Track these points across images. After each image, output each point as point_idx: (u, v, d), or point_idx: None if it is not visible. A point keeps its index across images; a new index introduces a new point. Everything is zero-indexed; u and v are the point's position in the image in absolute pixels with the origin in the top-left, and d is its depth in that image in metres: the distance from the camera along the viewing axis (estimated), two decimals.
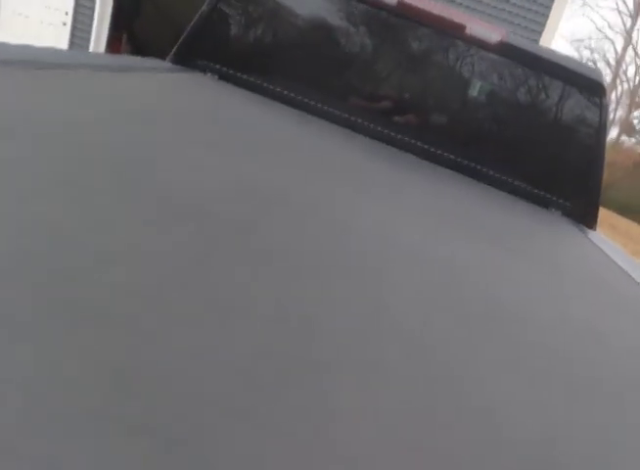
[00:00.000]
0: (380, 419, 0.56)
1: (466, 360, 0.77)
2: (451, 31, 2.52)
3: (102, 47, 7.49)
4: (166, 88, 2.02)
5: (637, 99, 34.68)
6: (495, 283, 1.22)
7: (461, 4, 5.93)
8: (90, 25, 7.31)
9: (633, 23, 31.16)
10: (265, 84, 2.63)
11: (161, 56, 2.89)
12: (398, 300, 0.90)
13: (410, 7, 2.51)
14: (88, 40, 7.37)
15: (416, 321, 0.84)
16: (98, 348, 0.49)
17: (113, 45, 7.82)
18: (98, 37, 7.40)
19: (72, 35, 7.43)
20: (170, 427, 0.43)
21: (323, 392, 0.57)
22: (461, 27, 2.48)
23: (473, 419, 0.63)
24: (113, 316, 0.55)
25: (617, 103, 34.26)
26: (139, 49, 8.01)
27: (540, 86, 2.58)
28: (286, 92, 2.62)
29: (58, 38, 7.41)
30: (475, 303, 1.04)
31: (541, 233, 2.16)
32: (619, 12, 35.01)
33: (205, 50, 2.66)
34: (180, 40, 2.66)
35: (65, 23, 7.45)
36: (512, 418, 0.66)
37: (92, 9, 7.23)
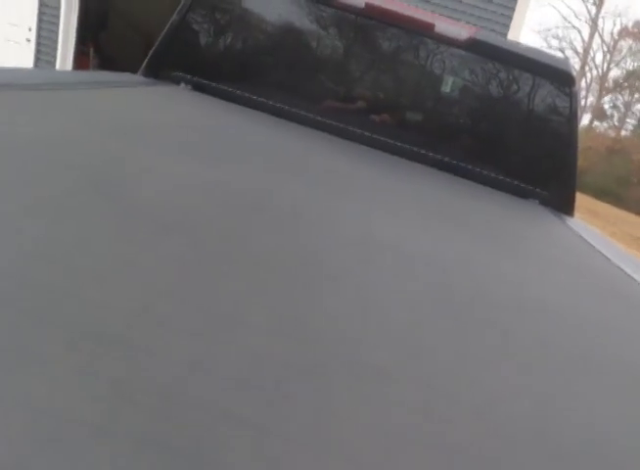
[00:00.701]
0: (380, 418, 0.57)
1: (459, 353, 0.79)
2: (420, 31, 2.55)
3: (69, 63, 7.38)
4: (140, 102, 2.02)
5: (606, 85, 35.35)
6: (479, 274, 1.24)
7: (428, 1, 5.99)
8: (55, 41, 7.18)
9: (598, 11, 31.77)
10: (240, 92, 2.63)
11: (130, 67, 2.88)
12: (387, 298, 0.92)
13: (378, 8, 2.53)
14: (54, 56, 7.24)
15: (407, 318, 0.86)
16: (97, 365, 0.50)
17: (80, 60, 7.72)
18: (64, 53, 7.28)
19: (38, 51, 7.30)
20: (175, 439, 0.44)
21: (322, 396, 0.58)
22: (430, 26, 2.52)
23: (472, 413, 0.64)
24: (109, 333, 0.56)
25: (587, 90, 34.88)
26: (107, 62, 7.94)
27: (511, 79, 2.63)
28: (260, 99, 2.63)
29: (22, 55, 7.27)
30: (462, 295, 1.06)
31: (520, 223, 2.20)
32: (584, 0, 35.70)
33: (176, 61, 2.66)
34: (151, 53, 2.65)
35: (29, 40, 7.32)
36: (511, 408, 0.68)
37: (56, 24, 7.10)
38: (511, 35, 6.10)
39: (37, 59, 7.30)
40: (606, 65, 35.28)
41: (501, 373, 0.77)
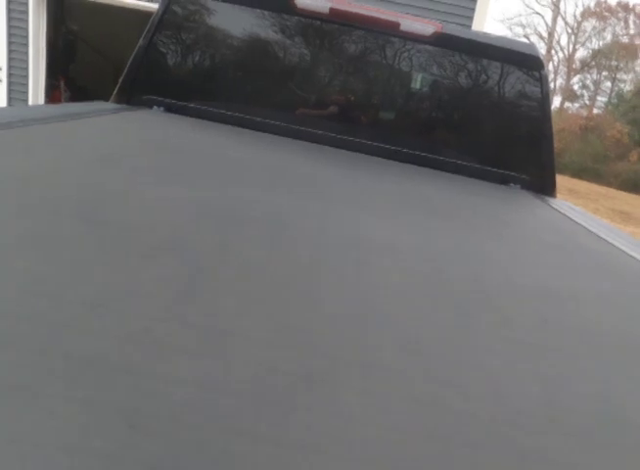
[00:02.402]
0: (394, 416, 0.57)
1: (463, 343, 0.79)
2: (387, 31, 2.58)
3: (41, 98, 7.36)
4: (113, 130, 2.01)
5: (574, 66, 35.89)
6: (472, 264, 1.25)
7: (391, 1, 6.05)
8: (26, 77, 7.18)
9: None
10: (212, 109, 2.63)
11: (103, 95, 2.87)
12: (384, 296, 0.92)
13: (342, 12, 2.55)
14: (26, 93, 7.23)
15: (406, 314, 0.86)
16: (103, 395, 0.49)
17: (52, 94, 7.69)
18: (36, 89, 7.26)
19: (10, 91, 7.27)
20: (192, 462, 0.44)
21: (333, 401, 0.57)
22: (395, 25, 2.54)
23: (483, 403, 0.64)
24: (111, 361, 0.55)
25: (556, 72, 35.40)
26: (79, 93, 7.91)
27: (481, 69, 2.66)
28: (235, 114, 2.63)
29: None
30: (458, 285, 1.06)
31: (505, 209, 2.22)
32: None
33: (147, 85, 2.65)
34: (121, 79, 2.64)
35: (0, 80, 7.29)
36: (521, 392, 0.68)
37: (26, 61, 7.10)
38: (475, 27, 6.17)
39: (10, 98, 7.26)
40: (571, 46, 35.87)
41: (507, 359, 0.78)
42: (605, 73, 35.83)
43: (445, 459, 0.52)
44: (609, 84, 36.02)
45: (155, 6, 2.69)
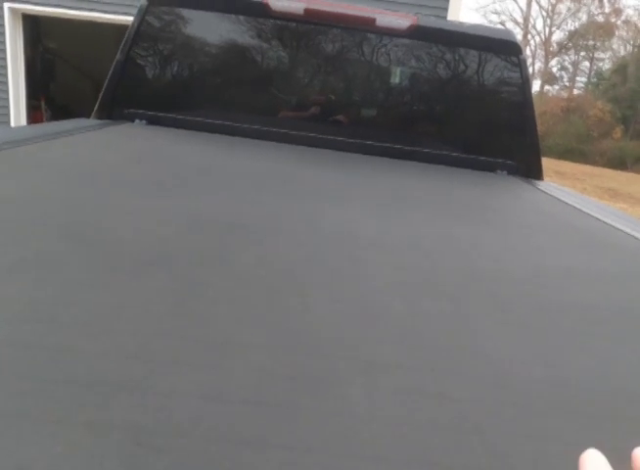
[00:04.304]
0: (401, 410, 0.57)
1: (462, 332, 0.79)
2: (363, 27, 2.58)
3: (23, 119, 7.32)
4: (96, 146, 2.00)
5: (551, 48, 36.10)
6: (466, 252, 1.26)
7: None
8: (7, 99, 7.14)
9: None
10: (194, 118, 2.62)
11: (85, 112, 2.85)
12: (380, 292, 0.92)
13: (317, 12, 2.55)
14: (7, 115, 7.19)
15: (403, 309, 0.86)
16: (108, 415, 0.49)
17: (34, 115, 7.65)
18: (17, 111, 7.23)
19: None
20: None
21: (338, 402, 0.57)
22: (371, 21, 2.55)
23: (486, 389, 0.65)
24: (111, 381, 0.55)
25: (534, 56, 35.59)
26: (60, 112, 7.86)
27: (459, 59, 2.67)
28: (217, 122, 2.62)
29: None
30: (453, 275, 1.07)
31: (494, 196, 2.23)
32: None
33: (127, 98, 2.64)
34: (101, 94, 2.63)
35: None
36: (525, 376, 0.69)
37: (5, 83, 7.06)
38: (450, 17, 6.19)
39: None
40: (547, 29, 36.09)
41: (508, 343, 0.78)
42: (583, 54, 36.11)
43: (454, 448, 0.52)
44: (587, 64, 36.33)
45: (130, 19, 2.67)
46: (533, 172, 2.64)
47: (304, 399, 0.56)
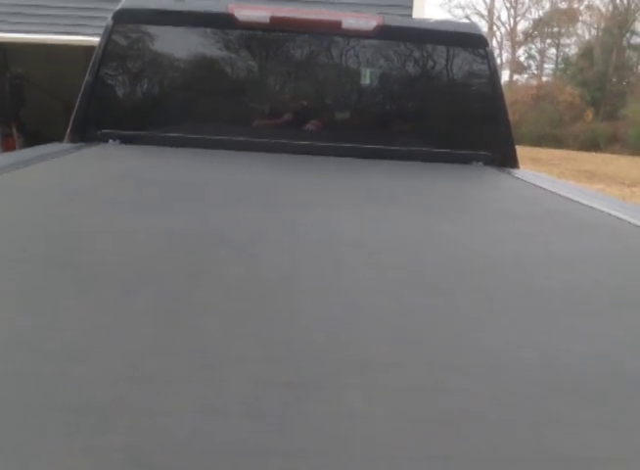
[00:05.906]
0: (401, 406, 0.58)
1: (454, 325, 0.80)
2: (329, 31, 2.59)
3: None
4: (70, 169, 1.98)
5: (517, 38, 36.60)
6: (449, 246, 1.27)
7: (330, 2, 6.08)
8: None
9: None
10: (169, 134, 2.61)
11: (58, 136, 2.82)
12: (368, 293, 0.92)
13: (283, 19, 2.56)
14: None
15: (393, 307, 0.86)
16: (105, 438, 0.49)
17: (6, 142, 7.54)
18: None
19: None
20: None
21: (337, 405, 0.58)
22: (337, 24, 2.56)
23: (483, 379, 0.65)
24: (106, 403, 0.55)
25: (501, 47, 36.04)
26: (33, 137, 7.76)
27: (427, 56, 2.70)
28: (190, 136, 2.61)
29: None
30: (435, 267, 1.08)
31: (472, 187, 2.26)
32: None
33: (99, 119, 2.62)
34: (72, 117, 2.60)
35: None
36: (520, 363, 0.69)
37: None
38: (416, 15, 6.25)
39: None
40: (512, 20, 36.58)
41: (500, 331, 0.79)
42: (549, 41, 36.67)
43: (455, 440, 0.53)
44: (554, 51, 36.88)
45: (97, 39, 2.65)
46: (509, 161, 2.67)
47: (302, 404, 0.57)
